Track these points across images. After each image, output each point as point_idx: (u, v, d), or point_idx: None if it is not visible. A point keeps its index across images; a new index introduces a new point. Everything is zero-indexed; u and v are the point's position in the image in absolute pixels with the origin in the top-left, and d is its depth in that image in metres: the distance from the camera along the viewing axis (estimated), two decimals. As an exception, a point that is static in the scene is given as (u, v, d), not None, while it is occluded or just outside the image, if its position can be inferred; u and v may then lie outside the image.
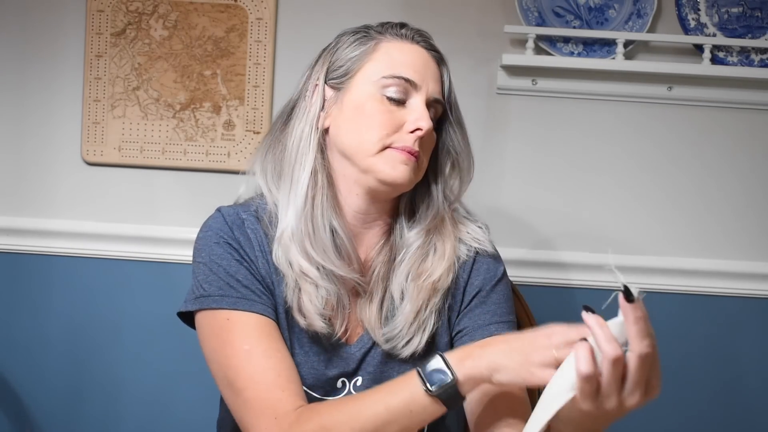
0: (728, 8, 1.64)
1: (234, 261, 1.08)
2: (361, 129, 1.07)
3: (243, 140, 1.69)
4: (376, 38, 1.11)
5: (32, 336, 1.73)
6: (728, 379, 1.72)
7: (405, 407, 0.93)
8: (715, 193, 1.70)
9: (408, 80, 1.07)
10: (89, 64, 1.68)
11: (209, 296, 1.06)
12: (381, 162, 1.06)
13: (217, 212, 1.13)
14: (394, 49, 1.09)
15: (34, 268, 1.72)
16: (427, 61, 1.10)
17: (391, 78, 1.07)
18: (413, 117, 1.06)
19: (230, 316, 1.05)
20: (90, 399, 1.74)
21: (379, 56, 1.09)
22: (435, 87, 1.10)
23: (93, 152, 1.70)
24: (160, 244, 1.70)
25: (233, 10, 1.67)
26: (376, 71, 1.08)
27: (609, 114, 1.69)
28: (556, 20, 1.65)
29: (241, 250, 1.09)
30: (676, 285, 1.70)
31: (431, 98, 1.09)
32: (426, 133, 1.06)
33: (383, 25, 1.12)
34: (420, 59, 1.09)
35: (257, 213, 1.12)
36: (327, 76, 1.12)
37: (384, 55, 1.09)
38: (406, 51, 1.09)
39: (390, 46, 1.10)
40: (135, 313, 1.72)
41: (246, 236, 1.10)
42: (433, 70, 1.10)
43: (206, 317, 1.07)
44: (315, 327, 1.06)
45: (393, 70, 1.07)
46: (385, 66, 1.08)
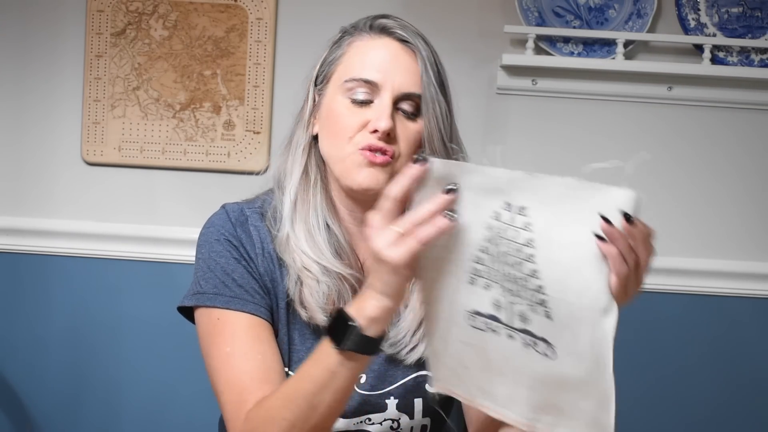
0: (728, 8, 1.64)
1: (232, 259, 1.08)
2: (331, 135, 1.08)
3: (243, 140, 1.69)
4: (351, 37, 1.10)
5: (32, 336, 1.73)
6: (729, 379, 1.72)
7: (326, 371, 0.91)
8: (715, 192, 1.70)
9: (369, 81, 1.05)
10: (89, 64, 1.68)
11: (204, 293, 1.07)
12: (347, 168, 1.06)
13: (221, 209, 1.14)
14: (363, 48, 1.08)
15: (34, 268, 1.72)
16: (397, 54, 1.07)
17: (353, 81, 1.05)
18: (374, 116, 1.05)
19: (221, 316, 1.05)
20: (90, 399, 1.74)
21: (348, 58, 1.08)
22: (405, 81, 1.06)
23: (93, 152, 1.70)
24: (160, 244, 1.70)
25: (233, 10, 1.67)
26: (343, 75, 1.07)
27: (609, 114, 1.69)
28: (556, 20, 1.65)
29: (242, 248, 1.09)
30: (676, 285, 1.69)
31: (400, 94, 1.05)
32: (384, 133, 1.04)
33: (364, 20, 1.11)
34: (387, 54, 1.07)
35: (262, 209, 1.13)
36: (316, 81, 1.13)
37: (352, 56, 1.08)
38: (373, 47, 1.08)
39: (360, 45, 1.09)
40: (135, 313, 1.72)
41: (248, 233, 1.10)
42: (404, 62, 1.07)
43: (201, 315, 1.08)
44: (316, 320, 1.07)
45: (356, 72, 1.06)
46: (351, 68, 1.07)
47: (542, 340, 0.80)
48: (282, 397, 0.96)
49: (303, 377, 0.95)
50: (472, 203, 0.81)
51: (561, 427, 0.84)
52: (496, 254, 0.81)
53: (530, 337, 0.81)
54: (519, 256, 0.79)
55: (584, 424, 0.82)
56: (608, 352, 0.78)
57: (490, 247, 0.81)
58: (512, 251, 0.79)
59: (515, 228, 0.79)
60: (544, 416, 0.84)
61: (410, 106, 1.07)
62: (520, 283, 0.80)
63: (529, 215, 0.79)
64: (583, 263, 0.77)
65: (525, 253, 0.78)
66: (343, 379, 0.91)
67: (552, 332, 0.80)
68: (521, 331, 0.81)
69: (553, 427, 0.84)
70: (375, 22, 1.09)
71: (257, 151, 1.68)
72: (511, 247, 0.79)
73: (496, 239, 0.80)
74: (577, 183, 0.81)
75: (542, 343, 0.80)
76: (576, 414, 0.82)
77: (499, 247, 0.80)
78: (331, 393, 0.92)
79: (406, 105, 1.06)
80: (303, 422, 0.93)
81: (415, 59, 1.07)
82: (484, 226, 0.81)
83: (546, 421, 0.84)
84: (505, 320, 0.82)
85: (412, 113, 1.07)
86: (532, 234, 0.78)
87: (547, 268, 0.78)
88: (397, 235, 0.82)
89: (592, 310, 0.78)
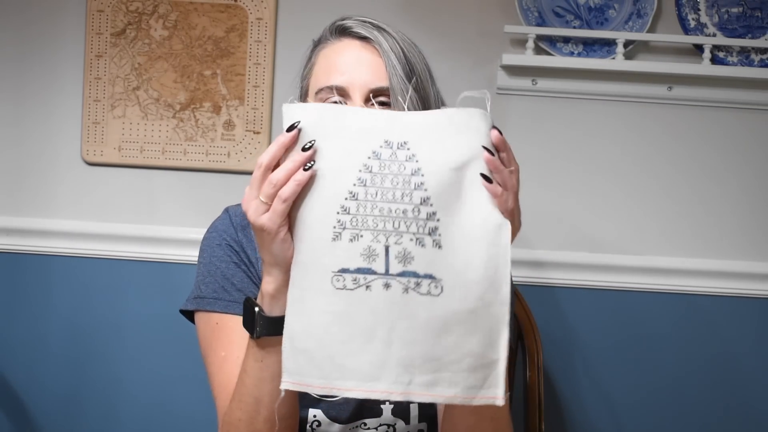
0: (728, 8, 1.64)
1: (232, 264, 1.09)
2: None
3: (243, 140, 1.69)
4: (319, 44, 1.10)
5: (32, 336, 1.73)
6: (727, 379, 1.72)
7: (256, 362, 0.92)
8: (714, 192, 1.70)
9: (337, 87, 1.04)
10: (89, 64, 1.68)
11: (204, 298, 1.09)
12: None
13: (224, 213, 1.15)
14: (327, 54, 1.08)
15: (34, 268, 1.72)
16: (359, 53, 1.06)
17: (322, 91, 1.05)
18: None
19: (220, 320, 1.07)
20: (90, 399, 1.74)
21: (317, 68, 1.09)
22: (372, 77, 1.05)
23: (93, 152, 1.70)
24: (160, 244, 1.70)
25: (233, 10, 1.67)
26: (314, 86, 1.08)
27: (609, 114, 1.69)
28: (556, 20, 1.65)
29: (242, 252, 1.10)
30: (676, 285, 1.69)
31: (371, 90, 1.04)
32: None
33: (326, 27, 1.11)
34: (349, 55, 1.06)
35: None
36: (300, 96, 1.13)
37: (319, 66, 1.08)
38: (336, 51, 1.07)
39: (325, 52, 1.08)
40: (135, 313, 1.72)
41: (249, 237, 1.11)
42: (366, 59, 1.05)
43: (201, 319, 1.10)
44: None
45: (323, 81, 1.06)
46: (319, 78, 1.07)
47: (427, 277, 0.80)
48: (233, 400, 0.97)
49: (242, 374, 0.95)
50: (343, 149, 0.82)
51: (439, 384, 0.81)
52: (373, 194, 0.81)
53: (413, 278, 0.80)
54: (407, 188, 0.80)
55: (466, 369, 0.81)
56: (505, 269, 0.81)
57: (361, 191, 0.81)
58: (399, 184, 0.80)
59: (399, 162, 0.81)
60: (419, 376, 0.81)
61: (385, 98, 1.05)
62: (409, 214, 0.80)
63: (411, 147, 0.82)
64: (471, 183, 0.82)
65: (414, 182, 0.80)
66: (273, 365, 0.90)
67: (440, 263, 0.80)
68: (400, 275, 0.80)
69: (429, 387, 0.82)
70: (335, 25, 1.09)
71: (257, 151, 1.68)
72: (398, 180, 0.81)
73: (374, 179, 0.81)
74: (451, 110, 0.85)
75: (426, 280, 0.80)
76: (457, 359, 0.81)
77: (383, 183, 0.80)
78: (269, 382, 0.92)
79: (381, 98, 1.05)
80: (254, 418, 0.94)
81: (378, 54, 1.06)
82: (356, 169, 0.81)
83: (421, 381, 0.81)
84: (379, 269, 0.80)
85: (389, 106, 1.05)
86: (418, 164, 0.81)
87: (438, 192, 0.81)
88: (261, 201, 0.83)
89: (486, 227, 0.81)
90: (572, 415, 1.73)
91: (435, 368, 0.81)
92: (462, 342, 0.81)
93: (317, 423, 1.09)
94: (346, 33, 1.08)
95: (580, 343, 1.71)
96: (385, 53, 1.06)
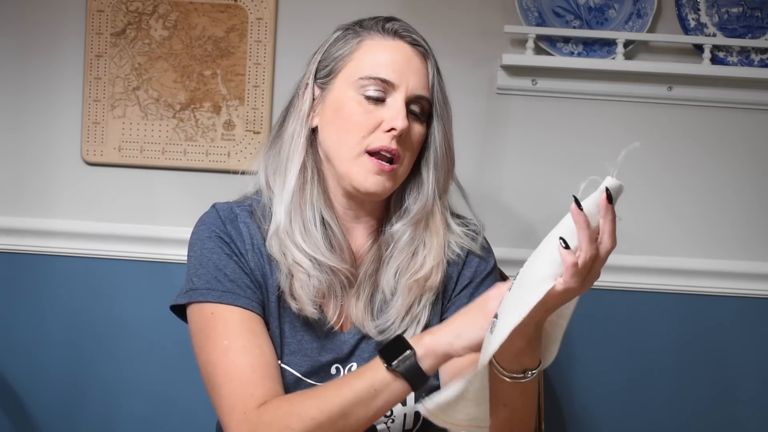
0: (728, 8, 1.64)
1: (224, 255, 1.10)
2: (340, 131, 1.09)
3: (243, 140, 1.69)
4: (360, 36, 1.11)
5: (32, 336, 1.73)
6: (727, 380, 1.72)
7: (369, 387, 0.94)
8: (714, 193, 1.70)
9: (385, 80, 1.07)
10: (89, 64, 1.68)
11: (197, 290, 1.09)
12: (356, 170, 1.08)
13: (211, 208, 1.16)
14: (376, 48, 1.10)
15: (34, 268, 1.72)
16: (410, 57, 1.10)
17: (368, 79, 1.07)
18: (389, 116, 1.06)
19: (215, 310, 1.07)
20: (90, 399, 1.74)
21: (361, 55, 1.10)
22: (417, 83, 1.09)
23: (93, 152, 1.70)
24: (160, 244, 1.70)
25: (233, 10, 1.67)
26: (356, 72, 1.09)
27: (609, 114, 1.69)
28: (556, 20, 1.65)
29: (232, 244, 1.11)
30: (676, 285, 1.70)
31: (412, 95, 1.08)
32: (401, 132, 1.06)
33: (370, 21, 1.13)
34: (401, 56, 1.09)
35: (251, 208, 1.15)
36: (316, 75, 1.14)
37: (365, 54, 1.10)
38: (387, 48, 1.10)
39: (372, 44, 1.10)
40: (135, 313, 1.72)
41: (238, 230, 1.12)
42: (416, 65, 1.10)
43: (194, 311, 1.09)
44: (306, 312, 1.08)
45: (371, 70, 1.08)
46: (365, 66, 1.08)
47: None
48: (315, 397, 0.97)
49: (343, 384, 0.97)
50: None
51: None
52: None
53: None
54: None
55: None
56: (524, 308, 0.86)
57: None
58: None
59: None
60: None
61: (418, 108, 1.10)
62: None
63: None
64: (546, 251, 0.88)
65: None
66: (382, 399, 0.94)
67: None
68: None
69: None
70: (386, 25, 1.11)
71: (257, 151, 1.68)
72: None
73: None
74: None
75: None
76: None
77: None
78: (365, 409, 0.95)
79: (415, 107, 1.09)
80: (328, 426, 0.95)
81: (425, 64, 1.11)
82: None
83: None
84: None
85: (419, 115, 1.09)
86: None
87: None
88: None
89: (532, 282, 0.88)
90: (572, 415, 1.73)
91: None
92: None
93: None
94: (398, 35, 1.10)
95: (579, 343, 1.71)
96: (433, 65, 1.11)
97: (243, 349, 1.03)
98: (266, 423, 0.97)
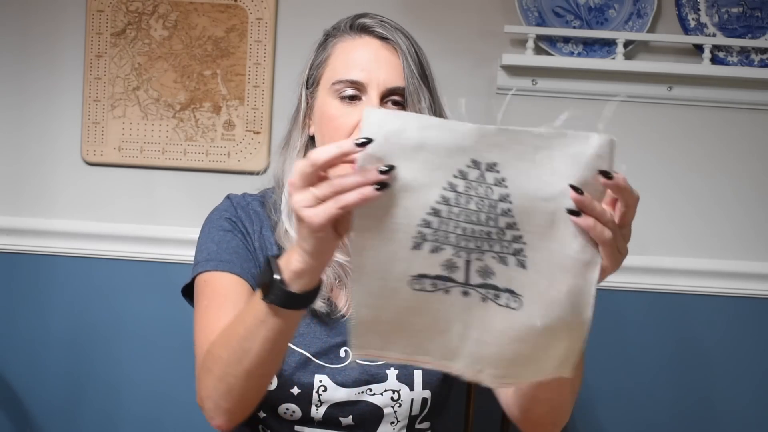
0: (728, 8, 1.64)
1: (230, 233, 1.14)
2: (325, 137, 1.11)
3: (243, 140, 1.69)
4: (333, 38, 1.14)
5: (32, 336, 1.73)
6: (728, 380, 1.72)
7: (256, 319, 0.90)
8: (714, 193, 1.70)
9: (354, 81, 1.09)
10: (89, 64, 1.68)
11: (199, 263, 1.12)
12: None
13: (225, 198, 1.22)
14: (346, 49, 1.12)
15: (34, 268, 1.72)
16: (378, 53, 1.11)
17: (340, 83, 1.09)
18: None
19: (209, 278, 1.10)
20: (90, 399, 1.74)
21: (333, 60, 1.13)
22: (389, 76, 1.09)
23: (93, 152, 1.70)
24: (160, 244, 1.70)
25: (233, 10, 1.67)
26: (331, 77, 1.12)
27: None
28: (556, 20, 1.65)
29: (240, 223, 1.15)
30: (676, 285, 1.69)
31: (386, 89, 1.09)
32: None
33: (343, 20, 1.16)
34: (369, 53, 1.11)
35: (264, 198, 1.20)
36: (307, 84, 1.18)
37: (337, 58, 1.12)
38: (356, 47, 1.12)
39: (343, 46, 1.13)
40: (135, 313, 1.72)
41: (248, 215, 1.17)
42: (385, 59, 1.10)
43: (196, 284, 1.12)
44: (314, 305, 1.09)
45: (341, 74, 1.10)
46: (336, 71, 1.11)
47: (507, 291, 0.78)
48: (222, 335, 0.97)
49: (238, 320, 0.95)
50: (427, 164, 0.75)
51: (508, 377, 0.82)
52: (456, 214, 0.75)
53: (492, 290, 0.78)
54: (493, 213, 0.75)
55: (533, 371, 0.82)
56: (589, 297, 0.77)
57: (444, 209, 0.75)
58: (485, 208, 0.75)
59: (486, 185, 0.75)
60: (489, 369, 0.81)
61: (400, 98, 1.11)
62: (493, 236, 0.76)
63: (501, 171, 0.76)
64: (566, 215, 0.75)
65: (501, 208, 0.75)
66: (270, 329, 0.89)
67: (522, 281, 0.77)
68: (479, 286, 0.78)
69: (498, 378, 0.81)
70: (355, 22, 1.14)
71: (257, 151, 1.68)
72: (484, 204, 0.75)
73: (459, 199, 0.75)
74: (551, 132, 0.79)
75: (506, 293, 0.78)
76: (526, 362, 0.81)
77: (468, 204, 0.75)
78: (260, 342, 0.91)
79: (394, 98, 1.11)
80: (236, 364, 0.93)
81: (396, 54, 1.11)
82: (440, 186, 0.75)
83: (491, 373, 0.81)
84: (459, 278, 0.78)
85: (401, 105, 1.10)
86: (507, 190, 0.75)
87: (526, 220, 0.75)
88: (314, 197, 0.77)
89: (576, 260, 0.76)
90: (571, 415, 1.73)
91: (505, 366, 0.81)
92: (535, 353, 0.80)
93: (323, 388, 1.10)
94: (366, 30, 1.12)
95: (580, 343, 1.71)
96: (403, 54, 1.11)
97: (219, 308, 1.05)
98: (201, 370, 1.00)
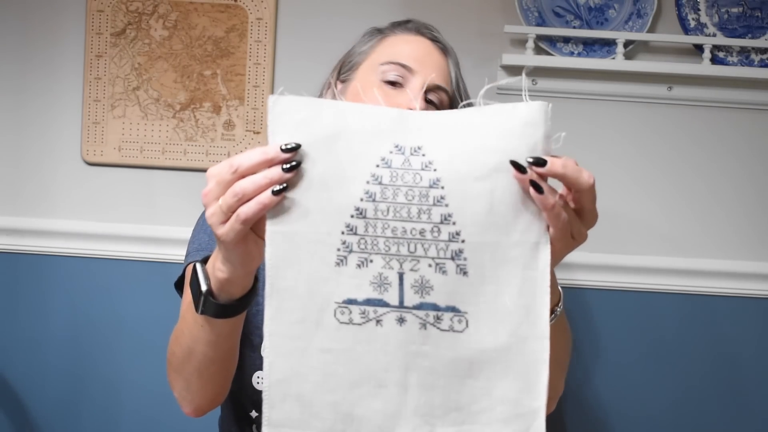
0: (728, 8, 1.64)
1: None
2: None
3: (243, 140, 1.69)
4: (383, 34, 1.16)
5: (32, 336, 1.73)
6: (728, 380, 1.72)
7: (195, 324, 0.88)
8: (714, 193, 1.70)
9: (404, 65, 1.09)
10: (89, 64, 1.68)
11: (189, 254, 1.13)
12: None
13: None
14: (398, 41, 1.13)
15: (34, 268, 1.72)
16: (430, 51, 1.12)
17: (388, 64, 1.09)
18: (406, 99, 1.07)
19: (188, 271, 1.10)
20: (90, 399, 1.74)
21: (383, 48, 1.13)
22: (437, 75, 1.11)
23: (93, 152, 1.70)
24: (160, 244, 1.70)
25: (233, 10, 1.67)
26: (377, 60, 1.11)
27: (609, 114, 1.69)
28: (556, 20, 1.65)
29: None
30: (676, 285, 1.70)
31: (432, 85, 1.10)
32: None
33: (392, 23, 1.18)
34: (422, 49, 1.12)
35: None
36: (339, 73, 1.17)
37: (387, 47, 1.13)
38: (409, 41, 1.13)
39: (395, 39, 1.14)
40: (135, 313, 1.72)
41: None
42: (436, 59, 1.12)
43: (186, 275, 1.11)
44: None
45: (392, 56, 1.10)
46: (386, 55, 1.11)
47: (449, 310, 0.67)
48: (174, 332, 0.98)
49: (184, 320, 0.94)
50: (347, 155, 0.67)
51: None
52: (384, 211, 0.67)
53: (432, 311, 0.67)
54: (425, 204, 0.66)
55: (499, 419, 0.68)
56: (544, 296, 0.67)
57: (369, 208, 0.66)
58: (415, 199, 0.66)
59: (414, 171, 0.67)
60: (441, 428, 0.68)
61: (437, 99, 1.11)
62: (428, 235, 0.66)
63: (427, 153, 0.67)
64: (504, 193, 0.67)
65: (432, 196, 0.66)
66: (211, 333, 0.88)
67: (465, 293, 0.67)
68: (416, 308, 0.67)
69: None
70: (409, 24, 1.17)
71: (257, 151, 1.69)
72: (414, 193, 0.66)
73: (385, 192, 0.67)
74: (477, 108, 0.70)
75: (448, 313, 0.67)
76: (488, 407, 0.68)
77: (396, 197, 0.67)
78: (204, 344, 0.90)
79: (433, 97, 1.11)
80: (186, 362, 0.94)
81: (445, 60, 1.14)
82: (363, 180, 0.66)
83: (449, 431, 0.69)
84: (392, 300, 0.67)
85: (438, 106, 1.10)
86: (437, 173, 0.67)
87: (462, 207, 0.67)
88: (221, 210, 0.72)
89: (522, 245, 0.67)
90: (571, 416, 1.73)
91: (460, 420, 0.68)
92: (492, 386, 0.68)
93: None
94: (419, 32, 1.14)
95: (580, 342, 1.71)
96: (453, 61, 1.14)
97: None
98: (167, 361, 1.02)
